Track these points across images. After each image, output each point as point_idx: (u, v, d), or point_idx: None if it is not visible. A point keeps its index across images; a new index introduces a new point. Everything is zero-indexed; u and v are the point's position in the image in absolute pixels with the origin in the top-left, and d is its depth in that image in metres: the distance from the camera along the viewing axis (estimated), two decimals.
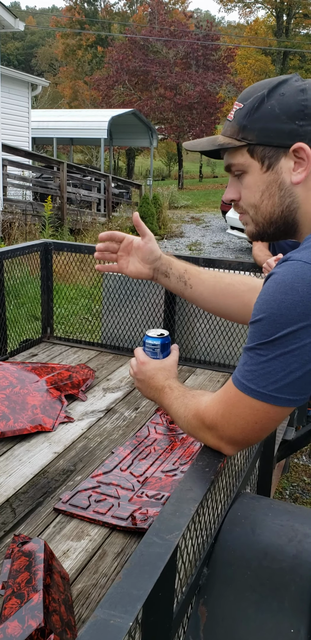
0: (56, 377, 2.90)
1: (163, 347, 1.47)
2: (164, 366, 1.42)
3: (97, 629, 0.73)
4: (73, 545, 1.83)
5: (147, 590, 0.79)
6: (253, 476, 1.78)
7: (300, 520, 1.42)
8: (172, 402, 1.34)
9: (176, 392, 1.34)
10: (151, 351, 1.46)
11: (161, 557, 0.86)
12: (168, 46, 30.62)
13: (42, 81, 15.91)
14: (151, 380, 1.40)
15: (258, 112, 1.09)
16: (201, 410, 1.22)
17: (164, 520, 0.95)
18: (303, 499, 2.90)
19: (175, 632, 1.14)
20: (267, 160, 1.10)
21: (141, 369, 1.43)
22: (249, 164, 1.12)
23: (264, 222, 1.15)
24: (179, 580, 1.13)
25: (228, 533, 1.35)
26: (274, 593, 1.23)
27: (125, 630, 0.72)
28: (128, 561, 0.85)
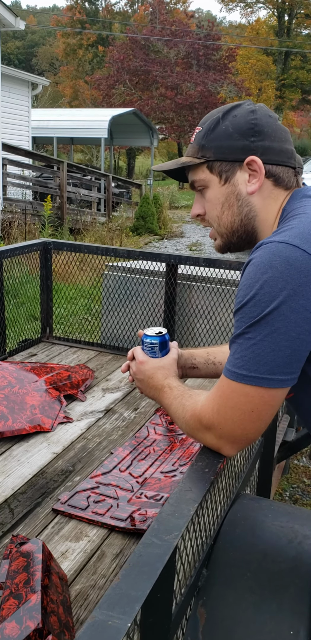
0: (55, 377, 2.89)
1: (161, 346, 1.45)
2: (163, 365, 1.43)
3: (95, 630, 0.72)
4: (71, 546, 1.82)
5: (146, 591, 0.79)
6: (253, 477, 1.77)
7: (300, 522, 1.42)
8: (171, 402, 1.34)
9: (175, 392, 1.34)
10: (149, 350, 1.44)
11: (159, 558, 0.85)
12: (169, 46, 30.60)
13: (42, 80, 15.91)
14: (151, 379, 1.41)
15: (214, 132, 1.22)
16: (197, 411, 1.23)
17: (163, 521, 0.94)
18: (303, 501, 2.89)
19: (174, 634, 1.14)
20: (224, 174, 1.21)
21: (140, 369, 1.43)
22: (209, 179, 1.23)
23: (227, 232, 1.25)
24: (178, 581, 1.13)
25: (228, 534, 1.35)
26: (273, 594, 1.22)
27: (123, 632, 0.72)
28: (127, 562, 0.84)
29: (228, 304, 3.40)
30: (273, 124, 1.22)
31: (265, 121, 1.20)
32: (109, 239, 10.80)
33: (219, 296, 3.43)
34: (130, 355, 1.53)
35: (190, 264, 3.52)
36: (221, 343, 3.42)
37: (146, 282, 3.62)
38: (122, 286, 3.67)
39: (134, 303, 3.64)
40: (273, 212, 1.21)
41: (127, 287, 3.66)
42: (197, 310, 3.49)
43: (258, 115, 1.21)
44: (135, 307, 3.64)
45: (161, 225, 14.07)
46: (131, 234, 12.56)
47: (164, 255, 3.50)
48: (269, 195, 1.21)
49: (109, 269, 3.77)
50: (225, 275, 3.42)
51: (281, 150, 1.21)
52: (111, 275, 3.72)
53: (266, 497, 1.87)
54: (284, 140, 1.23)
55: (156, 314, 3.57)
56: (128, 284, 3.66)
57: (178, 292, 3.50)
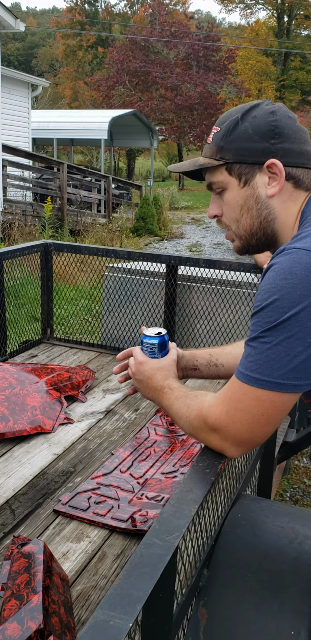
0: (56, 378, 2.89)
1: (161, 346, 1.43)
2: (162, 366, 1.41)
3: (96, 630, 0.72)
4: (73, 547, 1.82)
5: (147, 591, 0.79)
6: (253, 478, 1.77)
7: (301, 522, 1.42)
8: (172, 403, 1.32)
9: (177, 392, 1.33)
10: (148, 350, 1.43)
11: (161, 558, 0.86)
12: (168, 47, 30.62)
13: (42, 82, 15.92)
14: (150, 380, 1.40)
15: (233, 133, 1.19)
16: (204, 411, 1.21)
17: (165, 521, 0.94)
18: (303, 501, 2.90)
19: (175, 634, 1.14)
20: (243, 176, 1.19)
21: (139, 369, 1.42)
22: (228, 181, 1.21)
23: (246, 234, 1.24)
24: (179, 581, 1.13)
25: (229, 535, 1.35)
26: (274, 595, 1.23)
27: (125, 632, 0.72)
28: (128, 562, 0.85)
29: (228, 304, 3.40)
30: (293, 125, 1.20)
31: (284, 122, 1.18)
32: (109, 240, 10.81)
33: (219, 297, 3.43)
34: (120, 356, 1.56)
35: (190, 265, 3.52)
36: (222, 344, 3.43)
37: (146, 283, 3.62)
38: (122, 287, 3.68)
39: (135, 304, 3.64)
40: (292, 214, 1.20)
41: (128, 288, 3.66)
42: (197, 311, 3.50)
43: (278, 116, 1.19)
44: (135, 308, 3.64)
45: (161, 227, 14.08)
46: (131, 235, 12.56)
47: (164, 256, 3.50)
48: (289, 198, 1.20)
49: (110, 270, 3.77)
50: (225, 276, 3.42)
51: (301, 152, 1.19)
52: (111, 277, 3.73)
53: (267, 497, 1.87)
54: (304, 141, 1.20)
55: (156, 315, 3.57)
56: (128, 285, 3.66)
57: (178, 293, 3.50)
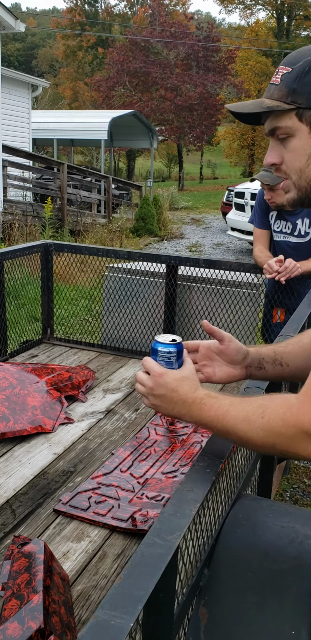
0: (56, 378, 2.89)
1: (178, 355, 1.25)
2: (186, 375, 1.22)
3: (98, 629, 0.72)
4: (73, 547, 1.82)
5: (148, 590, 0.79)
6: (253, 478, 1.77)
7: (301, 522, 1.42)
8: (227, 410, 1.10)
9: (225, 400, 1.13)
10: (165, 360, 1.24)
11: (162, 557, 0.86)
12: (168, 47, 30.63)
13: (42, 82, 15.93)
14: (175, 393, 1.19)
15: (308, 76, 1.08)
16: (295, 415, 0.99)
17: (165, 521, 0.94)
18: (303, 501, 2.90)
19: (176, 634, 1.14)
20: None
21: (160, 382, 1.20)
22: (297, 127, 1.11)
23: (308, 186, 1.14)
24: (180, 581, 1.13)
25: (229, 534, 1.35)
26: (275, 594, 1.23)
27: (126, 631, 0.72)
28: (129, 562, 0.85)
29: (228, 304, 3.40)
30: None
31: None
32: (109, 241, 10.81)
33: (219, 297, 3.43)
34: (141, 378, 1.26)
35: (190, 265, 3.53)
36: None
37: (146, 283, 3.62)
38: (122, 287, 3.68)
39: (135, 304, 3.64)
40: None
41: (128, 288, 3.66)
42: (197, 311, 3.50)
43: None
44: (135, 308, 3.64)
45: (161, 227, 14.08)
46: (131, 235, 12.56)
47: (164, 256, 3.50)
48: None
49: (110, 270, 3.77)
50: (225, 277, 3.42)
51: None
52: (112, 277, 3.73)
53: (267, 497, 1.87)
54: None
55: (156, 315, 3.57)
56: (128, 285, 3.66)
57: (178, 293, 3.50)
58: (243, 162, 38.71)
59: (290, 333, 1.90)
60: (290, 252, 3.03)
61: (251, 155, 36.51)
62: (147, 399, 1.24)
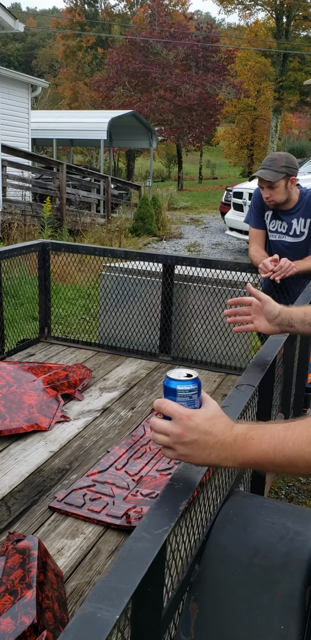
0: (53, 377, 2.90)
1: (199, 391, 1.08)
2: (216, 412, 1.07)
3: (84, 621, 0.73)
4: (67, 543, 1.83)
5: (135, 584, 0.80)
6: (246, 475, 1.79)
7: (292, 519, 1.43)
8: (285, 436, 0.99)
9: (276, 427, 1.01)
10: (186, 401, 1.06)
11: (149, 552, 0.87)
12: (167, 48, 30.63)
13: (41, 82, 15.92)
14: (210, 435, 1.03)
15: None
16: None
17: (154, 515, 0.95)
18: (298, 499, 2.91)
19: (166, 628, 1.15)
20: None
21: (190, 425, 1.03)
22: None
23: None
24: (170, 576, 1.14)
25: (220, 530, 1.36)
26: (264, 590, 1.24)
27: (112, 624, 0.73)
28: (116, 556, 0.86)
29: (224, 304, 3.42)
30: None
31: None
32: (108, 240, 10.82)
33: (215, 296, 3.44)
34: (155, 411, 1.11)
35: (187, 265, 3.54)
36: (218, 343, 3.44)
37: (143, 282, 3.63)
38: (119, 286, 3.69)
39: (132, 303, 3.65)
40: None
41: (125, 287, 3.68)
42: (193, 310, 3.51)
43: None
44: (132, 307, 3.65)
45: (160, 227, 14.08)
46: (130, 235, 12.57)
47: (160, 255, 3.52)
48: None
49: (107, 270, 3.78)
50: (221, 276, 3.43)
51: None
52: (109, 276, 3.74)
53: (260, 494, 1.88)
54: None
55: (153, 314, 3.59)
56: (125, 284, 3.67)
57: (174, 292, 3.52)
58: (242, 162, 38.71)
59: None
60: (285, 252, 3.04)
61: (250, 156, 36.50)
62: (174, 449, 1.05)
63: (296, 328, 1.66)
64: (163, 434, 1.04)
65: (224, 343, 3.45)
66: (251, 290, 1.69)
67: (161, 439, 1.05)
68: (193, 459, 1.04)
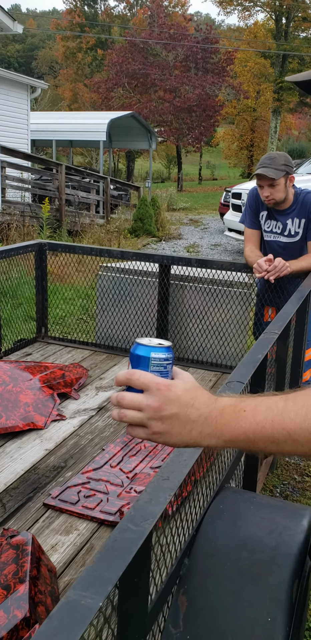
0: (49, 376, 2.92)
1: (172, 362, 0.94)
2: (196, 384, 0.93)
3: (68, 608, 0.75)
4: (61, 540, 1.85)
5: (119, 573, 0.82)
6: (238, 471, 1.80)
7: (281, 514, 1.45)
8: (284, 407, 0.85)
9: (273, 397, 0.87)
10: (160, 371, 0.91)
11: (134, 542, 0.88)
12: (167, 49, 30.66)
13: (41, 84, 15.94)
14: (192, 408, 0.88)
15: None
16: None
17: (140, 508, 0.97)
18: (293, 497, 2.93)
19: (155, 620, 1.17)
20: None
21: (170, 397, 0.87)
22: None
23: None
24: (158, 568, 1.16)
25: (210, 525, 1.38)
26: (253, 583, 1.26)
27: (95, 610, 0.75)
28: (102, 546, 0.88)
29: (220, 303, 3.44)
30: None
31: None
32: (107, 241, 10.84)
33: (211, 296, 3.46)
34: (118, 384, 0.91)
35: (183, 265, 3.56)
36: (213, 342, 3.46)
37: (140, 282, 3.65)
38: (116, 286, 3.71)
39: (128, 303, 3.67)
40: None
41: (122, 287, 3.70)
42: (190, 310, 3.53)
43: None
44: (129, 307, 3.67)
45: (159, 227, 14.10)
46: (129, 235, 12.59)
47: (157, 256, 3.54)
48: None
49: (104, 270, 3.80)
50: (217, 276, 3.45)
51: None
52: (106, 276, 3.76)
53: (252, 491, 1.90)
54: None
55: (149, 314, 3.60)
56: (122, 285, 3.69)
57: (170, 292, 3.54)
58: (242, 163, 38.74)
59: (275, 330, 1.94)
60: (280, 252, 3.06)
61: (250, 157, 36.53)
62: (148, 427, 0.88)
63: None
64: (135, 409, 0.87)
65: (220, 342, 3.47)
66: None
67: (132, 415, 0.88)
68: (170, 437, 0.88)
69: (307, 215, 3.02)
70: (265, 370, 1.80)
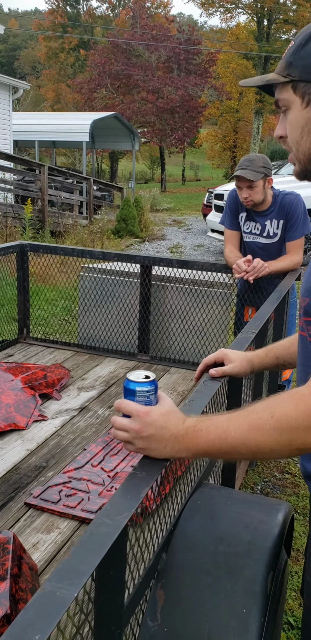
0: (31, 377, 2.94)
1: (156, 391, 1.17)
2: (170, 407, 1.15)
3: (43, 599, 0.78)
4: (43, 538, 1.87)
5: (94, 565, 0.84)
6: (216, 468, 1.84)
7: (257, 508, 1.48)
8: (228, 426, 1.06)
9: (221, 418, 1.09)
10: (144, 400, 1.15)
11: (109, 536, 0.91)
12: (150, 50, 30.70)
13: (23, 84, 15.88)
14: (165, 429, 1.11)
15: (304, 49, 1.10)
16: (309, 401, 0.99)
17: (115, 502, 1.00)
18: (273, 494, 2.97)
19: (132, 614, 1.20)
20: (307, 96, 1.10)
21: (147, 421, 1.11)
22: (292, 100, 1.12)
23: (304, 159, 1.15)
24: (136, 563, 1.19)
25: (187, 520, 1.41)
26: (228, 576, 1.29)
27: (69, 601, 0.77)
28: (78, 540, 0.90)
29: (201, 304, 3.47)
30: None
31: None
32: (91, 242, 10.84)
33: (192, 296, 3.50)
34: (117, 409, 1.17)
35: (164, 265, 3.59)
36: (195, 342, 3.49)
37: (121, 283, 3.67)
38: (98, 287, 3.73)
39: (110, 303, 3.69)
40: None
41: (103, 288, 3.72)
42: (171, 310, 3.56)
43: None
44: (111, 308, 3.69)
45: (143, 228, 14.13)
46: (113, 236, 12.59)
47: (138, 256, 3.56)
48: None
49: (85, 271, 3.82)
50: (198, 276, 3.49)
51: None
52: (87, 277, 3.77)
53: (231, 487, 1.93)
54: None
55: (131, 314, 3.63)
56: (104, 285, 3.71)
57: (152, 292, 3.56)
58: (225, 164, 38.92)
59: (252, 329, 1.97)
60: (259, 253, 3.10)
61: (233, 157, 36.71)
62: (133, 444, 1.13)
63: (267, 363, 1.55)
64: (123, 430, 1.13)
65: (202, 342, 3.50)
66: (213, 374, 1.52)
67: (122, 435, 1.14)
68: (150, 451, 1.12)
69: (285, 216, 3.06)
70: None
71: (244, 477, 3.12)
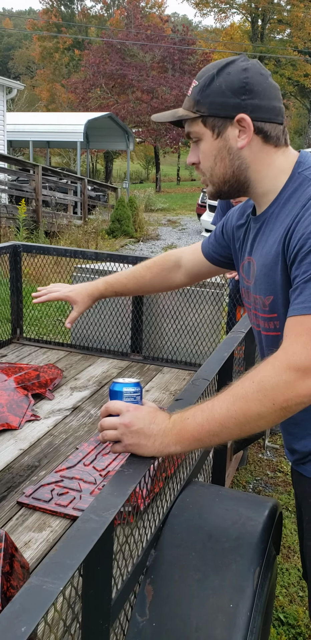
0: (24, 377, 2.95)
1: (142, 394, 1.26)
2: (156, 408, 1.24)
3: (30, 593, 0.79)
4: (35, 536, 1.89)
5: (80, 559, 0.86)
6: (206, 466, 1.86)
7: (245, 505, 1.50)
8: (213, 405, 1.13)
9: (205, 403, 1.16)
10: (131, 400, 1.22)
11: (95, 531, 0.93)
12: (144, 50, 30.72)
13: (17, 84, 15.88)
14: (153, 425, 1.17)
15: (208, 88, 1.26)
16: (286, 362, 1.06)
17: (102, 499, 1.02)
18: (265, 492, 2.99)
19: (121, 609, 1.22)
20: (217, 129, 1.27)
21: (137, 416, 1.17)
22: (203, 132, 1.28)
23: (219, 182, 1.31)
24: (124, 559, 1.21)
25: (176, 517, 1.43)
26: (216, 572, 1.31)
27: (55, 594, 0.79)
28: (65, 535, 0.92)
29: (193, 303, 3.49)
30: (264, 82, 1.27)
31: (256, 80, 1.25)
32: (85, 242, 10.84)
33: (184, 296, 3.52)
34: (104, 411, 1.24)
35: None
36: (187, 342, 3.52)
37: None
38: None
39: (103, 304, 3.71)
40: (265, 164, 1.28)
41: None
42: (164, 310, 3.58)
43: (250, 73, 1.26)
44: (104, 308, 3.71)
45: (137, 228, 14.14)
46: (107, 236, 12.61)
47: (131, 257, 3.58)
48: (260, 150, 1.27)
49: (78, 271, 3.84)
50: None
51: (270, 107, 1.27)
52: (80, 277, 3.79)
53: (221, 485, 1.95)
54: (273, 97, 1.28)
55: (124, 315, 3.65)
56: None
57: None
58: None
59: (241, 329, 1.99)
60: None
61: None
62: (122, 440, 1.18)
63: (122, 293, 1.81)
64: (112, 429, 1.18)
65: (194, 342, 3.53)
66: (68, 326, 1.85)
67: (110, 434, 1.18)
68: (140, 447, 1.16)
69: None
70: (231, 368, 1.85)
71: (237, 476, 3.15)
